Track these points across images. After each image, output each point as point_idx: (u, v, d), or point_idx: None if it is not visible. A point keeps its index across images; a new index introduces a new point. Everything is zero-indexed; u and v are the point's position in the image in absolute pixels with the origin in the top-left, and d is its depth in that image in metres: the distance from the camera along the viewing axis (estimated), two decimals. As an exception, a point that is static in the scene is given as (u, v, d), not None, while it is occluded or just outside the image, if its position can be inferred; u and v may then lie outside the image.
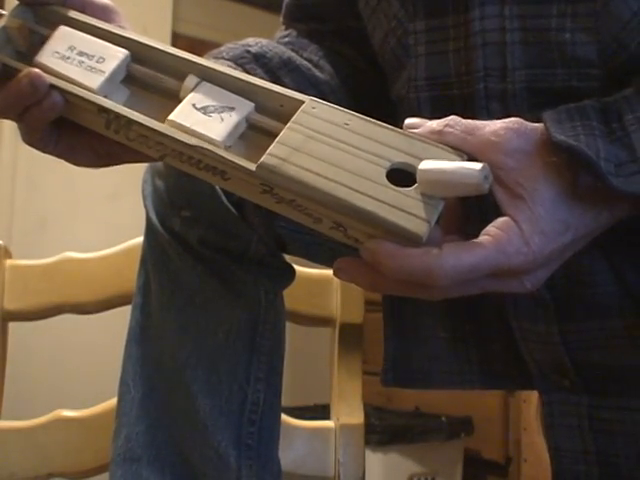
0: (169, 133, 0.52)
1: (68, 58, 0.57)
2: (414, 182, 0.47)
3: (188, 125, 0.53)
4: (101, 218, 2.10)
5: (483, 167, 0.46)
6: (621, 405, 0.60)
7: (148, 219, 0.72)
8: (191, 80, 0.55)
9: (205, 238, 0.69)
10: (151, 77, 0.57)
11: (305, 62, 0.71)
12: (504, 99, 0.57)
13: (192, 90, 0.55)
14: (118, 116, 0.54)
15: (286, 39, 0.75)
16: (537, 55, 0.56)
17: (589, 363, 0.60)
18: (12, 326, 0.90)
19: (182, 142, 0.52)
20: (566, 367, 0.61)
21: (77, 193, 2.07)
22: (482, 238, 0.47)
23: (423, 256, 0.45)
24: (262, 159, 0.49)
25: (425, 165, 0.47)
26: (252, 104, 0.54)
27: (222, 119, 0.53)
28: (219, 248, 0.70)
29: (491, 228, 0.47)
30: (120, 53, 0.57)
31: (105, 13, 0.60)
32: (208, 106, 0.54)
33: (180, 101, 0.55)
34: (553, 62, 0.55)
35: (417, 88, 0.62)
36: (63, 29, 0.58)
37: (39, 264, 0.91)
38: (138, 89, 0.58)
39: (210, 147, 0.51)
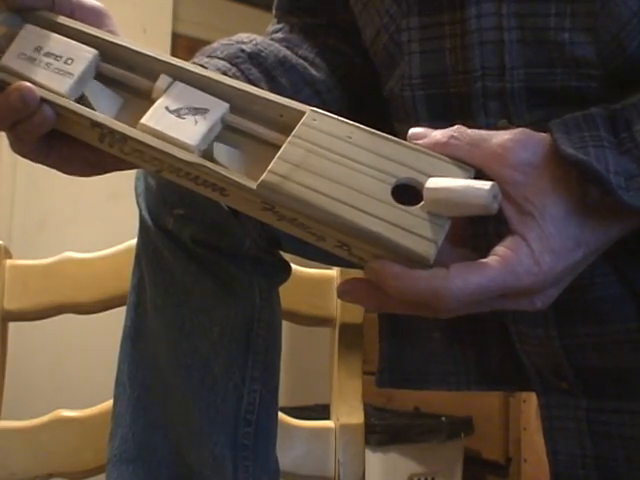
0: (166, 150, 0.51)
1: (34, 60, 0.55)
2: (420, 198, 0.46)
3: (160, 129, 0.51)
4: (101, 218, 2.10)
5: (492, 187, 0.44)
6: (620, 408, 0.59)
7: (141, 217, 0.72)
8: (163, 80, 0.54)
9: (198, 236, 0.68)
10: (122, 76, 0.55)
11: (301, 60, 0.70)
12: (502, 98, 0.56)
13: (165, 91, 0.53)
14: (112, 131, 0.52)
15: (279, 34, 0.74)
16: (535, 54, 0.55)
17: (588, 366, 0.60)
18: (12, 326, 0.90)
19: (180, 159, 0.50)
20: (565, 370, 0.60)
21: (77, 193, 2.07)
22: (490, 258, 0.46)
23: (430, 278, 0.44)
24: (263, 177, 0.48)
25: (432, 183, 0.46)
26: (227, 105, 0.52)
27: (196, 121, 0.51)
28: (213, 246, 0.69)
29: (500, 248, 0.46)
30: (89, 53, 0.55)
31: (96, 17, 0.58)
32: (181, 108, 0.52)
33: (152, 102, 0.53)
34: (552, 62, 0.55)
35: (412, 86, 0.61)
36: (29, 28, 0.56)
37: (39, 264, 0.91)
38: (132, 97, 0.56)
39: (208, 164, 0.50)
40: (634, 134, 0.48)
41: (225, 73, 0.63)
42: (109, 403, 0.84)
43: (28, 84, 0.52)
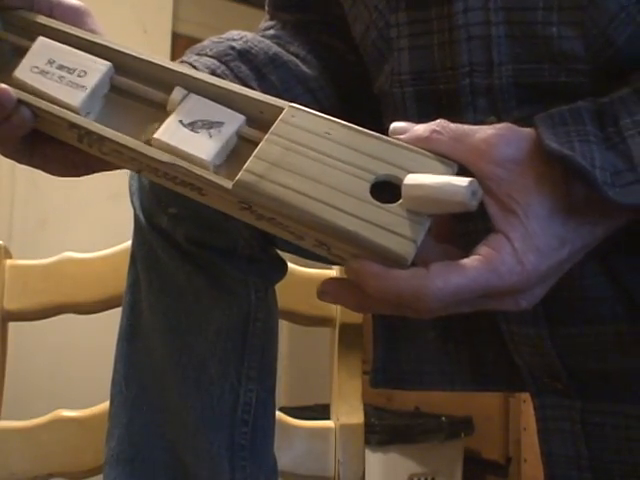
0: (141, 150, 0.50)
1: (47, 73, 0.54)
2: (400, 195, 0.45)
3: (174, 144, 0.50)
4: (101, 218, 2.10)
5: (470, 183, 0.43)
6: (614, 410, 0.59)
7: (136, 216, 0.71)
8: (178, 93, 0.53)
9: (192, 235, 0.68)
10: (136, 89, 0.55)
11: (292, 57, 0.69)
12: (491, 95, 0.55)
13: (179, 104, 0.52)
14: (89, 132, 0.52)
15: (271, 31, 0.73)
16: (524, 49, 0.54)
17: (581, 367, 0.59)
18: (12, 326, 0.90)
19: (155, 159, 0.50)
20: (558, 371, 0.60)
21: (77, 193, 2.07)
22: (473, 258, 0.45)
23: (410, 278, 0.43)
24: (238, 176, 0.47)
25: (410, 180, 0.45)
26: (243, 117, 0.51)
27: (210, 135, 0.50)
28: (207, 245, 0.68)
29: (482, 247, 0.45)
30: (102, 65, 0.54)
31: (76, 15, 0.57)
32: (196, 122, 0.51)
33: (167, 112, 0.52)
34: (540, 57, 0.54)
35: (401, 83, 0.60)
36: (42, 41, 0.55)
37: (39, 264, 0.91)
38: (121, 98, 0.55)
39: (183, 164, 0.49)
40: (621, 128, 0.47)
41: (214, 71, 0.63)
42: (109, 403, 0.84)
43: (3, 86, 0.52)
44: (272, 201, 0.46)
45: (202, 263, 0.69)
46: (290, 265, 0.84)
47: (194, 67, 0.63)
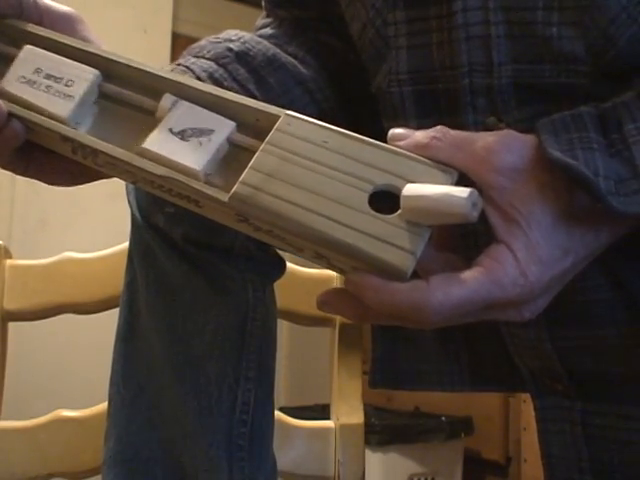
0: (136, 163, 0.49)
1: (34, 83, 0.53)
2: (399, 204, 0.44)
3: (164, 154, 0.49)
4: (101, 218, 2.10)
5: (470, 194, 0.42)
6: (615, 412, 0.58)
7: (132, 215, 0.70)
8: (167, 100, 0.52)
9: (190, 234, 0.67)
10: (127, 97, 0.54)
11: (290, 58, 0.68)
12: (490, 95, 0.55)
13: (169, 111, 0.51)
14: (82, 145, 0.51)
15: (268, 30, 0.72)
16: (523, 50, 0.53)
17: (582, 369, 0.59)
18: (12, 326, 0.90)
19: (149, 172, 0.49)
20: (558, 372, 0.60)
21: (77, 193, 2.06)
22: (474, 269, 0.44)
23: (409, 292, 0.43)
24: (234, 189, 0.46)
25: (409, 191, 0.44)
26: (233, 124, 0.50)
27: (201, 144, 0.49)
28: (204, 244, 0.68)
29: (484, 258, 0.44)
30: (90, 74, 0.53)
31: (67, 23, 0.56)
32: (186, 130, 0.50)
33: (156, 119, 0.52)
34: (540, 57, 0.53)
35: (400, 82, 0.59)
36: (28, 49, 0.54)
37: (39, 264, 0.91)
38: (114, 106, 0.54)
39: (178, 177, 0.48)
40: (625, 135, 0.46)
41: (212, 74, 0.62)
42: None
43: None
44: (268, 214, 0.45)
45: (199, 262, 0.68)
46: (290, 265, 0.83)
47: (191, 70, 0.63)
